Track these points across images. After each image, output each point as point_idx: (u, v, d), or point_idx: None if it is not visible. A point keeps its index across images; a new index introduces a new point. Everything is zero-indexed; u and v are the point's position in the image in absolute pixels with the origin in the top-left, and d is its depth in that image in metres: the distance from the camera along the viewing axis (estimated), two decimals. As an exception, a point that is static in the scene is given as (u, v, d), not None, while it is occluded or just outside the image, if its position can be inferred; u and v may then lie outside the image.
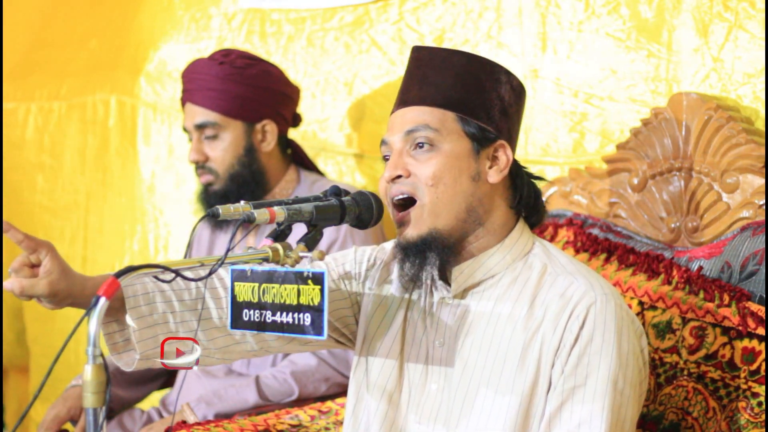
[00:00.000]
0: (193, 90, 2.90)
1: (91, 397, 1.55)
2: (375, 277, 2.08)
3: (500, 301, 1.92)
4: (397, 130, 1.94)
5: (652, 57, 2.56)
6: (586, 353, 1.83)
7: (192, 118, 2.89)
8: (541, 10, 2.78)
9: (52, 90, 4.24)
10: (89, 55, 4.19)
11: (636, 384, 1.87)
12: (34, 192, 4.28)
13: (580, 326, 1.84)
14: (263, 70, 2.93)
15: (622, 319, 1.86)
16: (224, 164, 2.88)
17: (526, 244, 1.97)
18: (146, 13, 3.97)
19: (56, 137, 4.21)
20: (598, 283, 1.90)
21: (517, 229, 1.97)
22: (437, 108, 1.92)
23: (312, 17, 3.42)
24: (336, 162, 3.37)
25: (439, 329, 1.96)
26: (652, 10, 2.56)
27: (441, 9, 3.06)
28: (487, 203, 1.93)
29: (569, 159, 2.76)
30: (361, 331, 2.06)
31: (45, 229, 4.20)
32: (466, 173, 1.91)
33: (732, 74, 2.40)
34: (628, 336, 1.86)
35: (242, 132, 2.89)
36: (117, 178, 4.00)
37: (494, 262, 1.94)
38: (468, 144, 1.92)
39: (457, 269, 1.94)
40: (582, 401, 1.82)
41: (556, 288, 1.89)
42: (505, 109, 1.96)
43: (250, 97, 2.89)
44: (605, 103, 2.67)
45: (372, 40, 3.23)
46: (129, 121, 3.96)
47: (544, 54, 2.79)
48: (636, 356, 1.87)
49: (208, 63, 2.91)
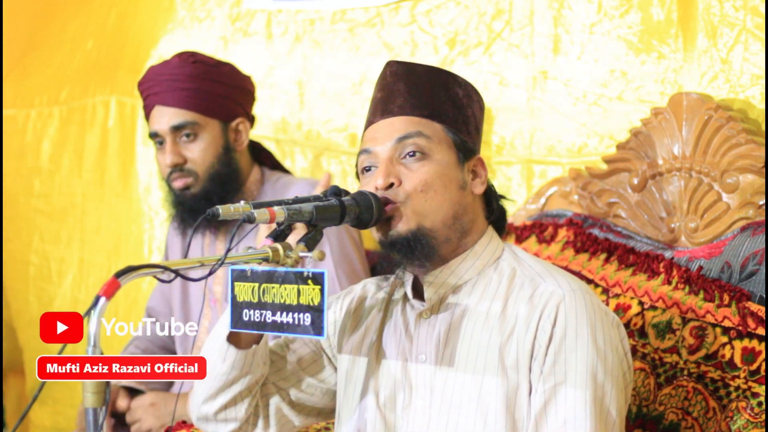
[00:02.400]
0: (162, 92, 2.82)
1: (91, 397, 1.55)
2: (346, 319, 2.08)
3: (474, 310, 1.92)
4: (386, 138, 1.93)
5: (662, 59, 2.57)
6: (562, 350, 1.83)
7: (166, 120, 2.80)
8: (553, 13, 2.79)
9: (52, 95, 4.24)
10: (87, 56, 4.18)
11: (618, 375, 1.86)
12: (31, 196, 4.28)
13: (552, 324, 1.84)
14: (233, 69, 2.90)
15: (594, 311, 1.86)
16: (204, 165, 2.80)
17: (496, 250, 1.97)
18: (147, 13, 3.97)
19: (55, 141, 4.21)
20: (565, 279, 1.90)
21: (486, 235, 1.98)
22: (425, 119, 1.93)
23: (320, 18, 3.42)
24: (340, 161, 3.38)
25: (420, 345, 1.96)
26: (663, 12, 2.57)
27: (454, 11, 3.06)
28: (470, 213, 1.95)
29: (573, 159, 2.76)
30: (341, 365, 2.07)
31: (41, 232, 4.19)
32: (455, 182, 1.93)
33: (740, 76, 2.41)
34: (603, 327, 1.85)
35: (219, 131, 2.83)
36: (115, 178, 4.00)
37: (465, 269, 1.95)
38: (455, 155, 1.93)
39: (431, 275, 1.94)
40: (564, 399, 1.82)
41: (524, 291, 1.90)
42: (477, 126, 2.00)
43: (225, 95, 2.84)
44: (614, 104, 2.67)
45: (383, 42, 3.23)
46: (128, 122, 3.95)
47: (555, 56, 2.80)
48: (614, 347, 1.86)
49: (179, 63, 2.84)
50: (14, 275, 4.25)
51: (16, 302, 4.26)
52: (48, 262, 4.16)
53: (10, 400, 4.43)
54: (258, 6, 3.58)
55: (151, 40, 3.90)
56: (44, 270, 4.17)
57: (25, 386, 4.33)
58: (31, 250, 4.21)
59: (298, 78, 3.46)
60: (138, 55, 3.95)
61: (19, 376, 4.39)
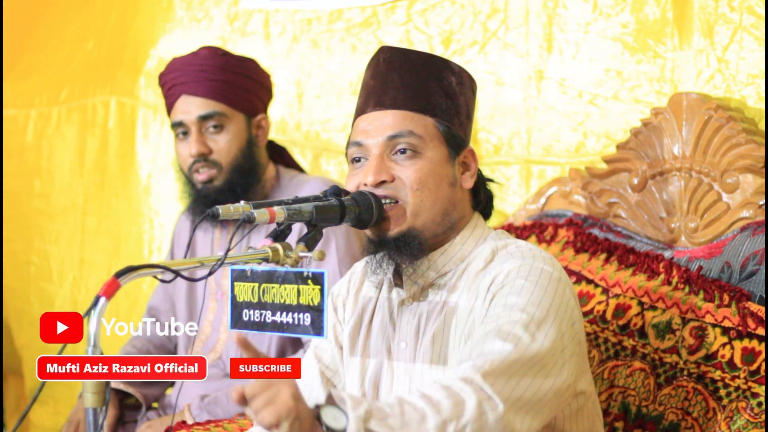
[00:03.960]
0: (189, 82, 2.80)
1: (91, 397, 1.55)
2: (348, 305, 2.09)
3: (452, 299, 1.92)
4: (377, 133, 1.93)
5: (657, 58, 2.57)
6: (500, 293, 1.81)
7: (193, 109, 2.79)
8: (548, 12, 2.79)
9: (52, 95, 4.24)
10: (87, 56, 4.18)
11: (564, 318, 1.80)
12: (32, 196, 4.28)
13: (500, 285, 1.82)
14: (257, 65, 2.91)
15: (545, 271, 1.82)
16: (229, 156, 2.79)
17: (480, 237, 1.97)
18: (146, 13, 3.97)
19: (55, 142, 4.21)
20: (531, 254, 1.87)
21: (469, 225, 1.97)
22: (418, 113, 1.92)
23: (318, 18, 3.42)
24: (339, 162, 3.38)
25: (401, 332, 1.97)
26: (659, 11, 2.57)
27: (449, 11, 3.06)
28: (459, 207, 1.96)
29: (571, 159, 2.76)
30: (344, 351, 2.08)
31: (42, 233, 4.20)
32: (446, 179, 1.93)
33: (736, 75, 2.41)
34: (551, 282, 1.81)
35: (244, 125, 2.83)
36: (115, 179, 4.00)
37: (444, 261, 1.94)
38: (446, 150, 1.93)
39: (410, 267, 1.94)
40: (503, 305, 1.78)
41: (493, 270, 1.88)
42: (469, 113, 1.98)
43: (251, 89, 2.85)
44: (609, 103, 2.67)
45: (379, 41, 3.23)
46: (129, 122, 3.96)
47: (550, 55, 2.80)
48: (566, 302, 1.82)
49: (208, 54, 2.83)
50: (16, 275, 4.26)
51: (18, 302, 4.26)
52: (49, 262, 4.16)
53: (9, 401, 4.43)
54: (255, 6, 3.58)
55: (150, 40, 3.90)
56: (45, 270, 4.17)
57: (24, 387, 4.33)
58: (32, 250, 4.21)
59: (296, 78, 3.46)
60: (137, 56, 3.95)
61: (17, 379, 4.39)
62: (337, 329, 2.10)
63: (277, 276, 1.76)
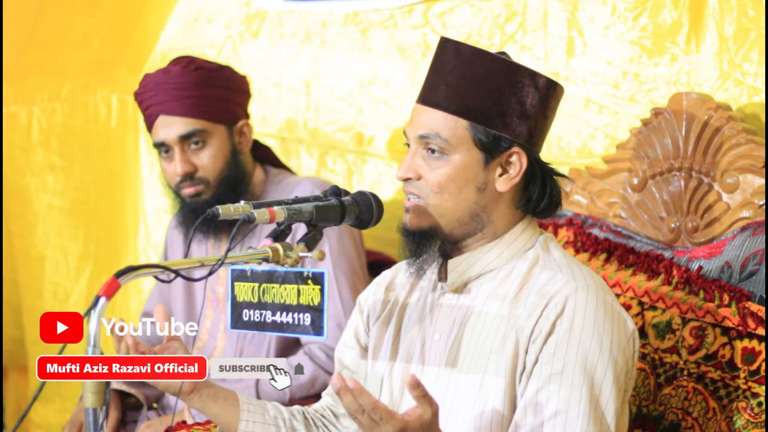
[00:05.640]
0: (165, 101, 2.79)
1: (91, 397, 1.55)
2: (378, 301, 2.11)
3: (492, 295, 1.94)
4: (414, 129, 1.95)
5: (674, 61, 2.57)
6: (563, 341, 1.82)
7: (173, 129, 2.78)
8: (567, 15, 2.79)
9: (53, 92, 4.24)
10: (89, 54, 4.18)
11: (621, 379, 1.84)
12: (44, 192, 4.28)
13: (558, 314, 1.84)
14: (232, 72, 2.89)
15: (605, 309, 1.85)
16: (215, 171, 2.79)
17: (529, 240, 1.97)
18: (154, 12, 3.97)
19: (63, 137, 4.21)
20: (581, 273, 1.90)
21: (519, 225, 1.98)
22: (451, 114, 1.92)
23: (332, 20, 3.42)
24: (345, 161, 3.38)
25: (437, 323, 1.98)
26: (676, 15, 2.57)
27: (467, 13, 3.06)
28: (491, 209, 1.95)
29: (584, 161, 2.76)
30: (370, 341, 2.10)
31: (59, 228, 4.19)
32: (472, 183, 1.93)
33: (755, 79, 2.41)
34: (612, 327, 1.84)
35: (226, 136, 2.82)
36: (119, 177, 4.00)
37: (491, 258, 1.96)
38: (478, 154, 1.92)
39: (452, 262, 1.97)
40: (558, 390, 1.80)
41: (539, 280, 1.90)
42: (525, 112, 1.93)
43: (229, 99, 2.83)
44: (626, 106, 2.68)
45: (395, 44, 3.23)
46: (131, 120, 3.96)
47: (568, 58, 2.80)
48: (622, 347, 1.85)
49: (180, 71, 2.81)
50: (28, 271, 4.25)
51: (29, 299, 4.26)
52: (66, 258, 4.17)
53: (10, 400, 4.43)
54: (268, 7, 3.58)
55: (154, 39, 3.90)
56: (61, 266, 4.17)
57: (28, 384, 4.34)
58: (47, 246, 4.21)
59: (306, 77, 3.45)
60: (140, 54, 3.95)
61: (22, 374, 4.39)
62: (359, 331, 2.12)
63: (277, 276, 1.77)
